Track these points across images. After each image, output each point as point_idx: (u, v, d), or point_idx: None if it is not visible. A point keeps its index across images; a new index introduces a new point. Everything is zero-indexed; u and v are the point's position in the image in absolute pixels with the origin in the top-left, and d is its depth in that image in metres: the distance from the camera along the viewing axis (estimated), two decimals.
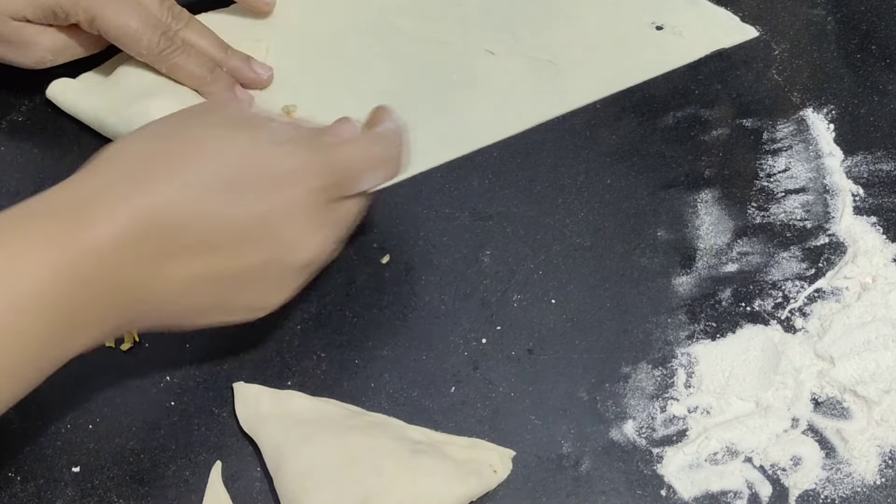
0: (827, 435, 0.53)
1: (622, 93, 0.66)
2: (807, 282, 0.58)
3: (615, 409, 0.54)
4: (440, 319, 0.57)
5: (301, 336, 0.56)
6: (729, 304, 0.57)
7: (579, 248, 0.60)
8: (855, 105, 0.65)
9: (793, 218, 0.61)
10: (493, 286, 0.58)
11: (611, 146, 0.64)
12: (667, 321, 0.57)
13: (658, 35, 0.69)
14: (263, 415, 0.53)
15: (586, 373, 0.55)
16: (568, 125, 0.65)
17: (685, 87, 0.67)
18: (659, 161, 0.63)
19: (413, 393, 0.55)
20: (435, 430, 0.53)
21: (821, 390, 0.54)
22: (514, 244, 0.60)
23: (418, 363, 0.56)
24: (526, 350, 0.56)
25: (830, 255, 0.59)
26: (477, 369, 0.56)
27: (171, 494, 0.52)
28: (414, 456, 0.50)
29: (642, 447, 0.53)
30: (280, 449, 0.51)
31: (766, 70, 0.67)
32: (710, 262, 0.59)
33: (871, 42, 0.68)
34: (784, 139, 0.64)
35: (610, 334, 0.57)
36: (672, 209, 0.61)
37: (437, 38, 0.69)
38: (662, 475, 0.52)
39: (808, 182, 0.62)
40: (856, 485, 0.51)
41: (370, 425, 0.52)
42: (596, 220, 0.61)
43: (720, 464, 0.52)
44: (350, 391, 0.55)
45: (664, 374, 0.55)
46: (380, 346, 0.56)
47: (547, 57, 0.68)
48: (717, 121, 0.65)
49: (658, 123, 0.65)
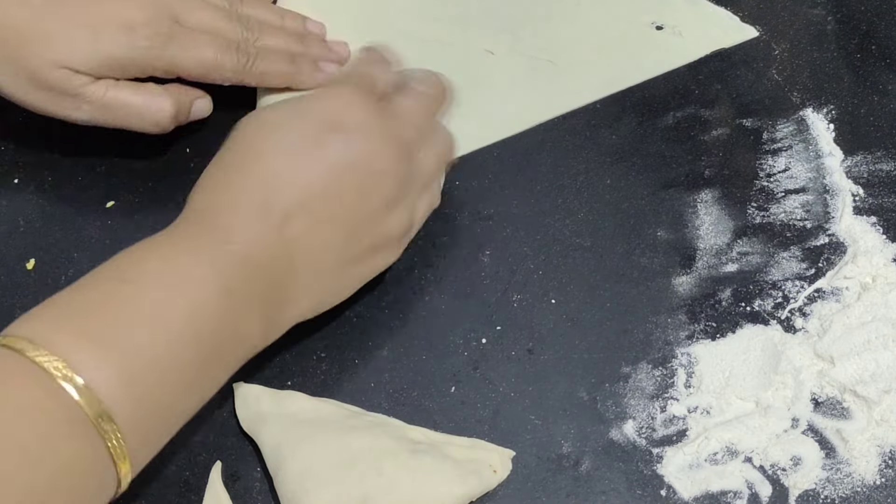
0: (827, 435, 0.53)
1: (622, 93, 0.66)
2: (807, 282, 0.58)
3: (615, 409, 0.54)
4: (440, 319, 0.57)
5: (301, 336, 0.56)
6: (729, 304, 0.57)
7: (579, 248, 0.60)
8: (855, 105, 0.65)
9: (793, 218, 0.61)
10: (493, 286, 0.58)
11: (611, 146, 0.64)
12: (667, 321, 0.57)
13: (658, 35, 0.69)
14: (263, 415, 0.53)
15: (586, 373, 0.55)
16: (568, 125, 0.65)
17: (685, 87, 0.67)
18: (659, 161, 0.63)
19: (413, 393, 0.55)
20: (435, 430, 0.53)
21: (821, 390, 0.54)
22: (514, 244, 0.60)
23: (418, 363, 0.56)
24: (526, 350, 0.56)
25: (830, 255, 0.59)
26: (477, 369, 0.56)
27: (171, 494, 0.52)
28: (414, 456, 0.50)
29: (642, 447, 0.53)
30: (280, 449, 0.51)
31: (766, 70, 0.67)
32: (710, 262, 0.59)
33: (871, 42, 0.68)
34: (784, 139, 0.64)
35: (610, 334, 0.57)
36: (672, 209, 0.61)
37: (437, 38, 0.69)
38: (662, 475, 0.52)
39: (808, 182, 0.62)
40: (856, 485, 0.51)
41: (370, 425, 0.52)
42: (596, 220, 0.61)
43: (720, 464, 0.52)
44: (350, 391, 0.55)
45: (664, 374, 0.55)
46: (380, 346, 0.56)
47: (547, 57, 0.68)
48: (717, 121, 0.65)
49: (658, 123, 0.65)
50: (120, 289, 0.45)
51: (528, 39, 0.69)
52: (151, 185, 0.63)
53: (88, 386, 0.41)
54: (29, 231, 0.61)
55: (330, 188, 0.50)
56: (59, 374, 0.41)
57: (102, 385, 0.42)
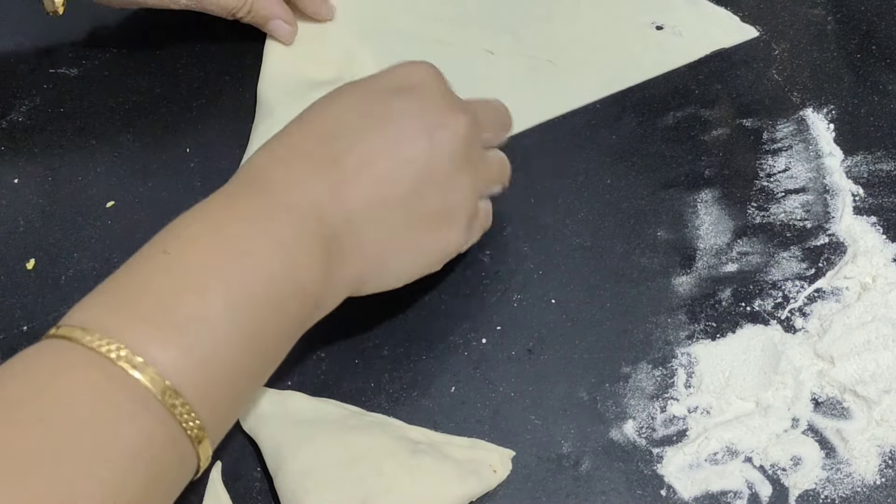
0: (827, 435, 0.53)
1: (622, 93, 0.66)
2: (807, 282, 0.58)
3: (615, 409, 0.54)
4: (440, 319, 0.57)
5: (301, 336, 0.56)
6: (729, 304, 0.57)
7: (579, 248, 0.60)
8: (855, 105, 0.65)
9: (793, 218, 0.61)
10: (493, 286, 0.58)
11: (611, 146, 0.64)
12: (667, 321, 0.57)
13: (658, 35, 0.69)
14: (263, 415, 0.53)
15: (586, 373, 0.55)
16: (568, 125, 0.65)
17: (685, 87, 0.67)
18: (659, 161, 0.63)
19: (413, 393, 0.55)
20: (435, 430, 0.53)
21: (821, 390, 0.54)
22: (514, 244, 0.60)
23: (418, 363, 0.56)
24: (526, 350, 0.56)
25: (830, 255, 0.59)
26: (477, 369, 0.56)
27: None
28: (414, 456, 0.50)
29: (642, 447, 0.53)
30: (280, 449, 0.51)
31: (766, 70, 0.67)
32: (710, 262, 0.59)
33: (871, 42, 0.68)
34: (784, 139, 0.64)
35: (610, 334, 0.57)
36: (672, 209, 0.61)
37: (437, 38, 0.69)
38: (662, 475, 0.52)
39: (808, 182, 0.62)
40: (856, 485, 0.51)
41: (370, 425, 0.52)
42: (596, 220, 0.61)
43: (720, 464, 0.52)
44: (350, 391, 0.55)
45: (664, 374, 0.55)
46: (380, 346, 0.56)
47: (547, 57, 0.68)
48: (717, 121, 0.65)
49: (658, 123, 0.65)
50: (163, 260, 0.44)
51: (528, 39, 0.69)
52: (151, 185, 0.63)
53: (148, 364, 0.40)
54: (29, 231, 0.61)
55: (395, 143, 0.49)
56: (117, 357, 0.40)
57: (162, 360, 0.41)
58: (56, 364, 0.41)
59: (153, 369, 0.41)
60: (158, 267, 0.44)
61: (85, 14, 0.71)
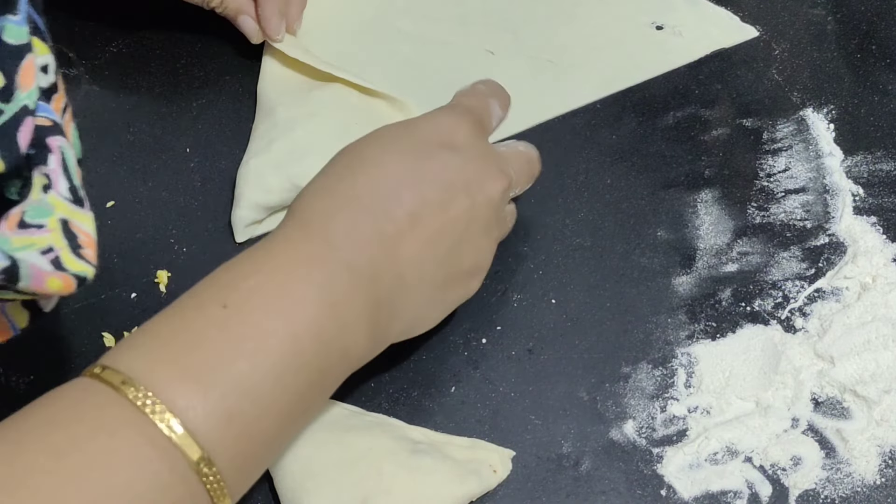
0: (827, 435, 0.53)
1: (622, 93, 0.66)
2: (807, 282, 0.58)
3: (615, 409, 0.54)
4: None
5: None
6: (729, 304, 0.57)
7: (579, 248, 0.60)
8: (855, 105, 0.65)
9: (793, 218, 0.61)
10: (493, 286, 0.58)
11: (611, 146, 0.64)
12: (667, 321, 0.57)
13: (658, 35, 0.69)
14: None
15: (586, 373, 0.55)
16: (568, 125, 0.65)
17: (685, 87, 0.67)
18: (659, 161, 0.63)
19: (413, 393, 0.55)
20: (435, 430, 0.53)
21: (821, 390, 0.54)
22: (514, 244, 0.60)
23: (418, 363, 0.56)
24: (526, 350, 0.56)
25: (830, 255, 0.59)
26: (477, 369, 0.56)
27: None
28: (414, 456, 0.50)
29: (642, 447, 0.53)
30: None
31: (766, 70, 0.67)
32: (710, 262, 0.59)
33: (871, 42, 0.68)
34: (784, 139, 0.64)
35: (610, 334, 0.57)
36: (672, 209, 0.61)
37: (437, 38, 0.69)
38: (662, 475, 0.52)
39: (808, 182, 0.62)
40: (856, 485, 0.51)
41: (370, 425, 0.52)
42: (596, 220, 0.61)
43: (720, 464, 0.52)
44: (350, 391, 0.55)
45: (664, 374, 0.55)
46: None
47: (547, 57, 0.68)
48: (717, 121, 0.65)
49: (658, 123, 0.65)
50: (220, 315, 0.43)
51: (528, 39, 0.69)
52: (151, 185, 0.63)
53: (189, 430, 0.40)
54: None
55: (441, 200, 0.49)
56: (158, 420, 0.40)
57: (204, 430, 0.41)
58: (100, 418, 0.40)
59: (195, 439, 0.40)
60: (214, 321, 0.43)
61: (84, 14, 0.71)
